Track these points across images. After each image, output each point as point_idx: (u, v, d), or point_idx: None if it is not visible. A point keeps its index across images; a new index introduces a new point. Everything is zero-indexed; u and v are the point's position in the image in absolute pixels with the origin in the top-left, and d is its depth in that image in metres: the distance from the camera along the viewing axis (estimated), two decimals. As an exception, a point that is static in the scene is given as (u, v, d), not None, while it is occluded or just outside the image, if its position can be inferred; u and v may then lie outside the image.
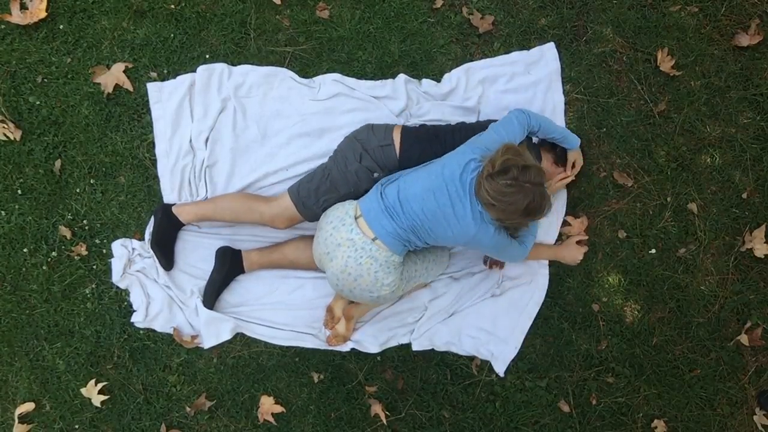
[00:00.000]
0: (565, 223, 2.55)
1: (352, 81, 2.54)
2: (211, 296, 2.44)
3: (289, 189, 2.34)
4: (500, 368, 2.51)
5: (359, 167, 2.22)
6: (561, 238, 2.55)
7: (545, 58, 2.56)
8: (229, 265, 2.43)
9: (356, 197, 2.24)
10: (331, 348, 2.48)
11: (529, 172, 1.84)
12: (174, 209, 2.42)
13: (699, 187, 2.57)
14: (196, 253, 2.52)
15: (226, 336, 2.45)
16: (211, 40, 2.55)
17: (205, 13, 2.56)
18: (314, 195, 2.26)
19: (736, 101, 2.57)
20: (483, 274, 2.54)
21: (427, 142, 2.23)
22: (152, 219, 2.48)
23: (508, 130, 2.09)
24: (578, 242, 2.51)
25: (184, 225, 2.45)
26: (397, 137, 2.24)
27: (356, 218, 2.10)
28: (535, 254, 2.43)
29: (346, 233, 2.08)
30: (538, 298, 2.52)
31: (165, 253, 2.44)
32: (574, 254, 2.48)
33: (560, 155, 2.36)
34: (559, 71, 2.55)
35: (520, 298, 2.53)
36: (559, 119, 2.53)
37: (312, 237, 2.43)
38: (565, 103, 2.56)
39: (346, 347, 2.48)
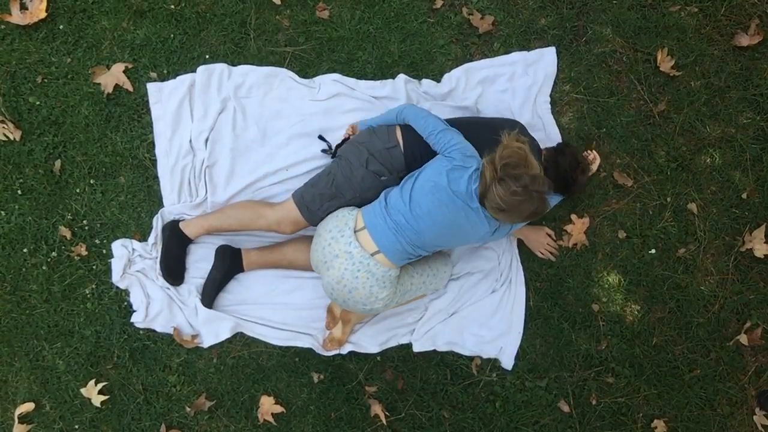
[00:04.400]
0: (567, 222, 2.55)
1: (351, 81, 2.55)
2: (210, 294, 2.44)
3: (293, 194, 2.33)
4: (508, 362, 2.51)
5: (366, 173, 2.20)
6: (562, 237, 2.55)
7: (544, 60, 2.56)
8: (228, 264, 2.43)
9: (361, 202, 2.24)
10: (326, 353, 2.48)
11: (538, 182, 1.88)
12: (181, 225, 2.42)
13: (699, 187, 2.57)
14: (196, 253, 2.52)
15: (226, 334, 2.46)
16: (211, 41, 2.55)
17: (205, 14, 2.56)
18: (318, 200, 2.25)
19: (736, 101, 2.57)
20: (482, 274, 2.54)
21: None
22: (154, 226, 2.48)
23: (450, 129, 2.13)
24: (549, 244, 2.52)
25: (192, 241, 2.45)
26: (399, 137, 2.23)
27: (356, 231, 2.10)
28: None
29: (345, 246, 2.08)
30: (520, 278, 2.53)
31: (174, 274, 2.45)
32: (539, 240, 2.50)
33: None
34: (554, 75, 2.55)
35: (507, 289, 2.54)
36: (549, 124, 2.54)
37: (311, 238, 2.43)
38: (565, 104, 2.56)
39: (344, 350, 2.48)
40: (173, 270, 2.44)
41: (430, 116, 2.17)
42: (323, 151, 2.47)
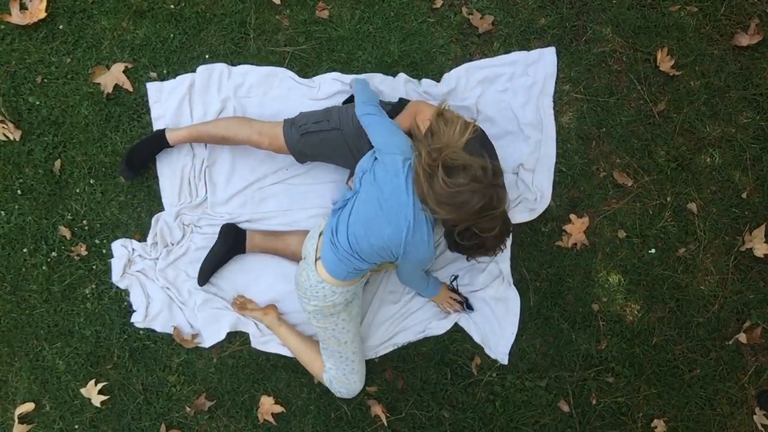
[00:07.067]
0: (567, 221, 2.55)
1: (351, 78, 2.54)
2: (207, 271, 2.44)
3: None
4: (502, 358, 2.51)
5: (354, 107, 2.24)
6: (562, 237, 2.55)
7: (543, 60, 2.56)
8: (231, 243, 2.42)
9: (344, 137, 2.22)
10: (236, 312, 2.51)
11: (487, 173, 1.82)
12: (166, 131, 2.40)
13: (699, 186, 2.57)
14: (199, 253, 2.52)
15: (226, 332, 2.47)
16: (211, 40, 2.55)
17: (204, 13, 2.56)
18: (305, 118, 2.26)
19: (735, 101, 2.57)
20: (477, 270, 2.54)
21: None
22: (153, 225, 2.49)
23: (379, 114, 2.10)
24: (452, 299, 2.48)
25: (170, 146, 2.42)
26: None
27: (320, 234, 2.17)
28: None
29: (308, 243, 2.20)
30: (509, 278, 2.52)
31: (132, 166, 2.40)
32: (441, 298, 2.48)
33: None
34: (554, 76, 2.55)
35: (498, 290, 2.52)
36: (548, 123, 2.53)
37: None
38: (564, 104, 2.56)
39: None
40: (134, 162, 2.40)
41: (364, 92, 2.19)
42: None
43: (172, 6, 2.55)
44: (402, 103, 2.28)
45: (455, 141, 1.86)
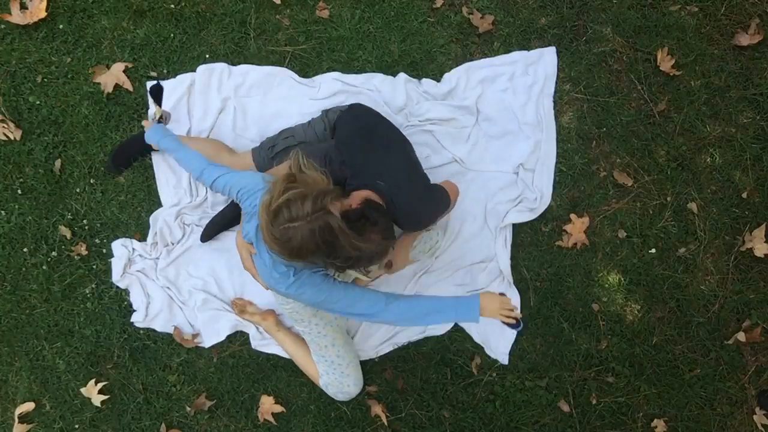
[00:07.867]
0: (566, 222, 2.55)
1: (351, 77, 2.54)
2: (212, 230, 2.45)
3: None
4: (503, 356, 2.51)
5: (318, 120, 2.27)
6: (562, 237, 2.55)
7: (544, 60, 2.56)
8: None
9: (311, 145, 2.20)
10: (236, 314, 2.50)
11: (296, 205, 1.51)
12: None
13: (699, 186, 2.57)
14: (199, 252, 2.52)
15: (226, 332, 2.48)
16: (211, 40, 2.55)
17: (204, 13, 2.56)
18: (271, 141, 2.28)
19: (736, 101, 2.57)
20: (479, 268, 2.54)
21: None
22: (151, 225, 2.50)
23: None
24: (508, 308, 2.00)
25: (154, 150, 2.45)
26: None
27: None
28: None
29: None
30: (509, 278, 2.50)
31: (118, 163, 2.46)
32: (493, 308, 1.94)
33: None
34: (554, 76, 2.55)
35: (498, 289, 2.52)
36: (549, 123, 2.53)
37: None
38: (565, 104, 2.56)
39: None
40: (120, 160, 2.47)
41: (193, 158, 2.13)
42: None
43: (173, 5, 2.55)
44: (350, 108, 2.21)
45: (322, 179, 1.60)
